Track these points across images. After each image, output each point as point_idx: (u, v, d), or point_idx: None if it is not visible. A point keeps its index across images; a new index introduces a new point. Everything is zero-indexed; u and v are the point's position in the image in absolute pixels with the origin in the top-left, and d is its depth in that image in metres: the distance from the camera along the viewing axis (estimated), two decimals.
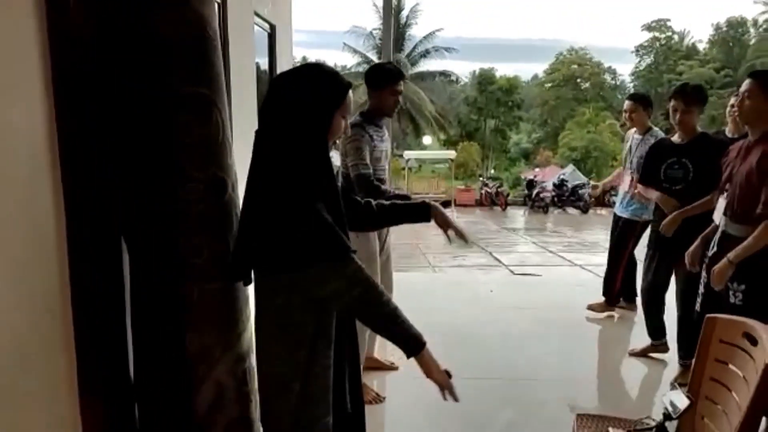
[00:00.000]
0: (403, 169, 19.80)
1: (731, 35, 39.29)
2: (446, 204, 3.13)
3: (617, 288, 4.46)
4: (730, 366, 1.83)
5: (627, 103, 4.33)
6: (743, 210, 2.56)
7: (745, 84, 2.63)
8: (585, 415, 2.11)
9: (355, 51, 28.36)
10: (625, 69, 41.82)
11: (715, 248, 2.70)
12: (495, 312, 4.76)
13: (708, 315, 2.05)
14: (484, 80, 31.76)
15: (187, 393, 1.73)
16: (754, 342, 1.73)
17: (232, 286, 1.80)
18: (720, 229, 2.70)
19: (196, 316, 1.71)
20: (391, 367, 3.45)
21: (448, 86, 34.42)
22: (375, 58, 26.95)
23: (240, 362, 1.83)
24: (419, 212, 1.93)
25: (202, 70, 1.59)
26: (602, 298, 4.58)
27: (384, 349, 3.50)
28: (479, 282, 6.53)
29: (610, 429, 1.91)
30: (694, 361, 2.00)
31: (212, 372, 1.75)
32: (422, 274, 6.03)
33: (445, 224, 1.92)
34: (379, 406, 3.01)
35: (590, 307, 4.58)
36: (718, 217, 2.72)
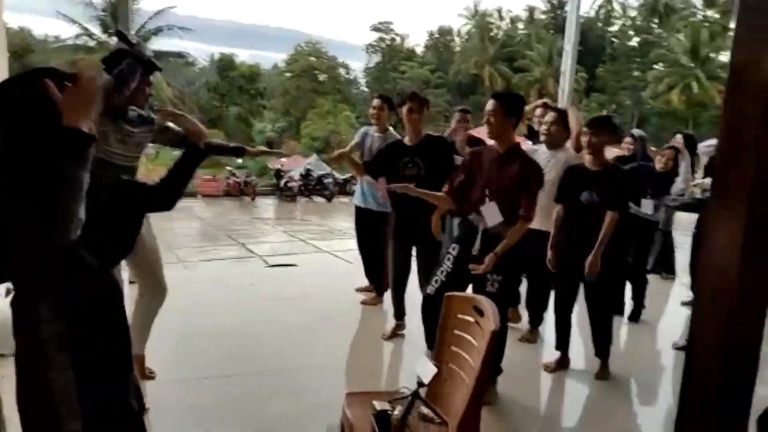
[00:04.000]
0: None
1: (442, 42, 45.44)
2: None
3: (387, 283, 4.71)
4: (465, 335, 2.26)
5: (376, 101, 4.78)
6: (503, 211, 3.11)
7: (489, 104, 3.17)
8: (353, 393, 2.35)
9: (73, 21, 24.89)
10: (357, 65, 45.19)
11: (479, 246, 3.18)
12: (257, 305, 4.84)
13: (446, 294, 2.48)
14: (225, 66, 31.04)
15: None
16: (482, 314, 2.17)
17: None
18: (481, 230, 3.18)
19: None
20: (149, 376, 3.28)
21: (184, 69, 32.60)
22: (97, 31, 24.18)
23: None
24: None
25: None
26: (359, 282, 4.99)
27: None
28: (235, 275, 6.50)
29: (374, 402, 2.16)
30: (438, 333, 2.40)
31: None
32: (173, 272, 5.75)
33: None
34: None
35: (362, 298, 4.98)
36: (494, 220, 3.15)
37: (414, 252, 4.09)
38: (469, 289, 3.18)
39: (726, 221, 2.33)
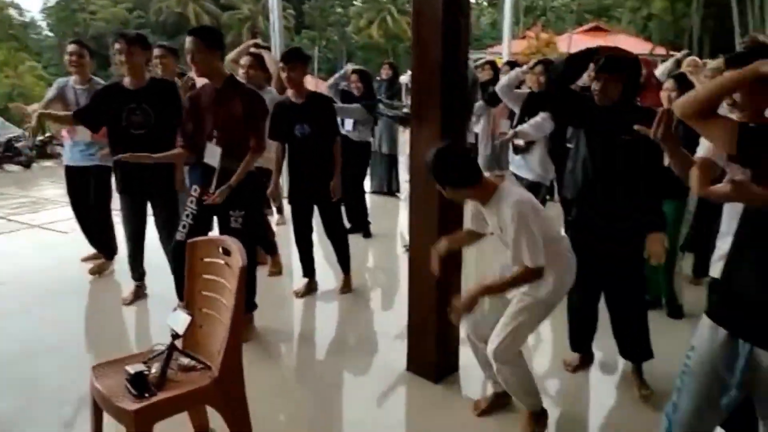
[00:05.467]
0: None
1: None
2: None
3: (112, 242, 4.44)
4: (215, 277, 2.25)
5: (72, 47, 4.12)
6: (234, 147, 3.09)
7: (187, 42, 2.99)
8: (99, 365, 2.16)
9: None
10: (33, 5, 37.96)
11: (215, 184, 3.12)
12: None
13: (189, 240, 2.41)
14: None
15: None
16: (228, 253, 2.17)
17: None
18: (219, 167, 3.12)
19: None
20: None
21: None
22: None
23: None
24: None
25: None
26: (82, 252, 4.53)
27: None
28: None
29: (127, 367, 2.04)
30: (186, 281, 2.33)
31: None
32: None
33: None
34: None
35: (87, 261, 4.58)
36: (214, 161, 3.12)
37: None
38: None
39: (425, 135, 2.72)
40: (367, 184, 6.09)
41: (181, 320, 2.12)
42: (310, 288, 4.14)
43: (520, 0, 27.99)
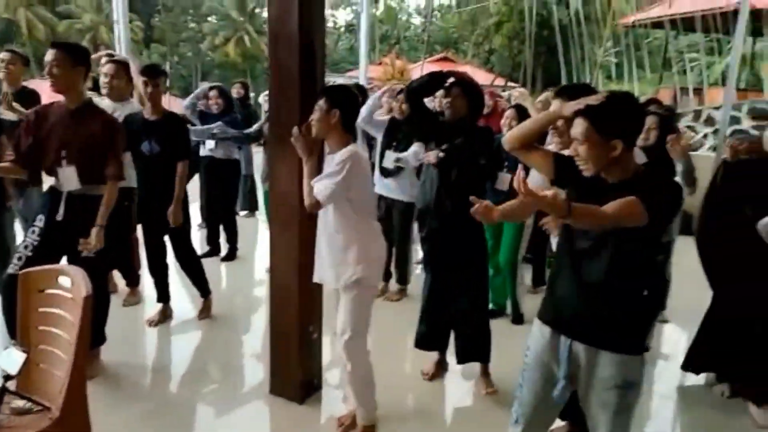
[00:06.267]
0: None
1: None
2: None
3: None
4: (54, 310, 2.06)
5: None
6: (86, 171, 2.85)
7: (50, 54, 2.75)
8: None
9: None
10: None
11: (63, 210, 2.87)
12: None
13: (21, 272, 2.18)
14: None
15: None
16: (71, 283, 2.01)
17: None
18: (66, 192, 2.86)
19: None
20: None
21: None
22: None
23: None
24: None
25: None
26: None
27: None
28: None
29: None
30: (19, 316, 2.11)
31: None
32: None
33: None
34: None
35: None
36: (71, 184, 2.86)
37: None
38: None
39: (284, 157, 2.73)
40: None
41: (14, 359, 1.91)
42: (165, 315, 3.91)
43: (376, 28, 29.13)
